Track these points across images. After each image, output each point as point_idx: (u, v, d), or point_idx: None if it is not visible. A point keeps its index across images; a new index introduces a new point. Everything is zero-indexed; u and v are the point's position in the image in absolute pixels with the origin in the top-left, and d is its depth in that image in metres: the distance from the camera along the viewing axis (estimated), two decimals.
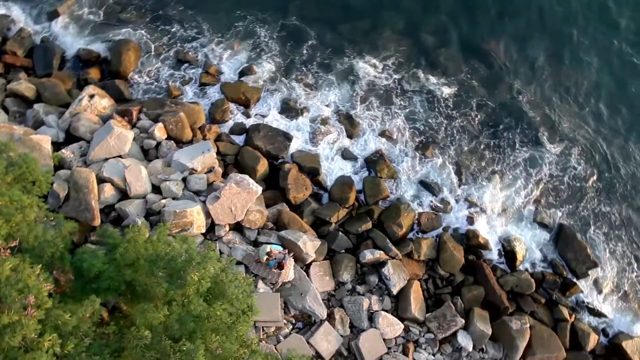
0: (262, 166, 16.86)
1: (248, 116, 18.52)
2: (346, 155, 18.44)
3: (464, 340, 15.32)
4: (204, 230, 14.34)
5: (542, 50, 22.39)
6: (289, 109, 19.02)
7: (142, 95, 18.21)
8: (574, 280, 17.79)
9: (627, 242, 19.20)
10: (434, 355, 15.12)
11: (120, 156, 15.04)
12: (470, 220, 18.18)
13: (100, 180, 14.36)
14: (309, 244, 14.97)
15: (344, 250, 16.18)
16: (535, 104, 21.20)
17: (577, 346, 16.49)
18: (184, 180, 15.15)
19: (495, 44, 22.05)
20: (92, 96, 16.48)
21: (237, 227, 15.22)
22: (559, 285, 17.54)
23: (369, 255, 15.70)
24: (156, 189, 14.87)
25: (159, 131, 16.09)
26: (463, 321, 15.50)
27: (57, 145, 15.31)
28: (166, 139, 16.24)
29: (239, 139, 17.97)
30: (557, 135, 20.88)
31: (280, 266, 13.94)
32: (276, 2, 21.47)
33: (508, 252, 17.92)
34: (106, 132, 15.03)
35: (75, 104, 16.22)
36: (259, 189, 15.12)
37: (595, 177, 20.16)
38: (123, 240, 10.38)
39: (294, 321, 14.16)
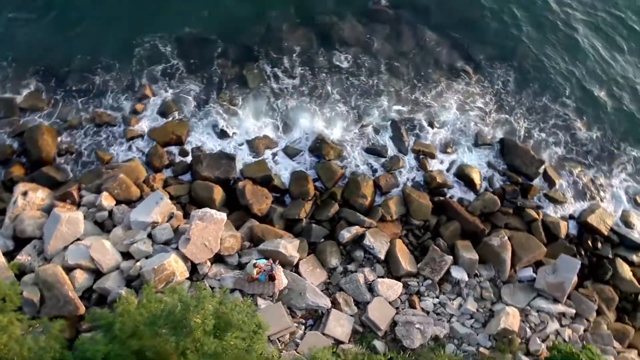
0: (218, 193, 17.05)
1: (185, 153, 18.55)
2: (290, 152, 18.91)
3: (458, 274, 16.29)
4: (187, 275, 14.44)
5: None
6: (222, 130, 19.19)
7: (75, 173, 17.77)
8: (529, 182, 19.33)
9: (559, 130, 21.07)
10: (437, 297, 16.03)
11: (78, 239, 14.79)
12: (423, 166, 19.21)
13: (68, 270, 14.08)
14: (290, 246, 15.41)
15: (323, 239, 16.72)
16: (440, 41, 22.54)
17: (552, 238, 17.97)
18: (150, 236, 15.11)
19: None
20: (25, 193, 15.96)
21: (218, 259, 15.40)
22: (519, 192, 18.93)
23: (347, 234, 16.34)
24: (127, 255, 14.76)
25: (106, 200, 15.89)
26: (451, 257, 16.42)
27: (9, 255, 14.78)
28: (116, 204, 16.07)
29: (186, 177, 18.02)
30: (471, 60, 22.39)
31: (272, 277, 14.32)
32: (167, 26, 21.22)
33: (466, 181, 19.18)
34: (55, 222, 14.70)
35: (11, 207, 15.66)
36: (224, 215, 15.34)
37: (514, 87, 21.88)
38: (115, 315, 10.47)
39: (303, 321, 14.61)
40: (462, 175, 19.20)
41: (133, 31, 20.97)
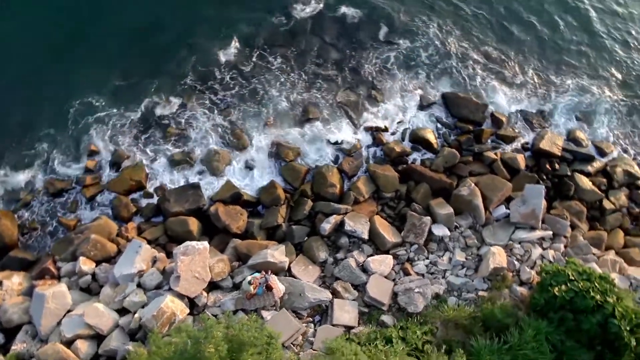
0: (193, 224, 17.09)
1: (150, 195, 18.45)
2: (250, 165, 19.12)
3: (440, 231, 16.99)
4: (188, 311, 14.51)
5: None
6: (178, 163, 19.13)
7: (45, 247, 17.39)
8: (480, 127, 20.31)
9: (494, 71, 22.19)
10: (427, 258, 16.71)
11: (69, 311, 14.58)
12: (379, 140, 19.85)
13: (69, 343, 13.90)
14: (277, 254, 15.71)
15: (306, 237, 17.09)
16: (362, 22, 23.13)
17: (514, 172, 19.05)
18: (140, 285, 15.07)
19: None
20: (0, 283, 15.57)
21: (213, 286, 15.51)
22: (473, 140, 19.91)
23: (327, 225, 16.75)
24: (122, 311, 14.66)
25: (85, 264, 15.68)
26: (429, 218, 17.08)
27: (3, 348, 14.47)
28: (96, 265, 15.89)
29: (158, 218, 17.96)
30: (394, 30, 23.09)
31: (269, 288, 14.60)
32: (92, 80, 20.70)
33: (423, 143, 19.95)
34: (40, 302, 14.43)
35: None
36: (205, 244, 15.45)
37: (440, 42, 22.80)
38: None
39: (311, 319, 15.00)
40: (418, 139, 19.95)
41: (59, 94, 20.32)
